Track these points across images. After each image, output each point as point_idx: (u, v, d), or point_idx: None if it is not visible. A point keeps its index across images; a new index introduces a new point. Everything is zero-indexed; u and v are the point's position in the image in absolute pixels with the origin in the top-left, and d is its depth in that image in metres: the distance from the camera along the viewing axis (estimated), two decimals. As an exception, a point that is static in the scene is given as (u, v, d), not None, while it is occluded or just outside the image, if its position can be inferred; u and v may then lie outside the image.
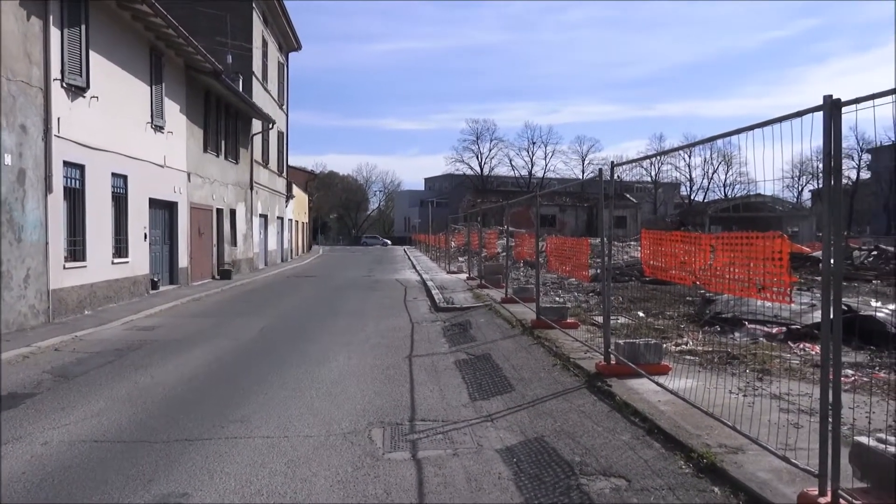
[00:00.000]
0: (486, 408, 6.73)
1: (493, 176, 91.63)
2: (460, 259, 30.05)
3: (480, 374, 8.32)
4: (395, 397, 7.18)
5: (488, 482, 4.67)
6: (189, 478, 4.81)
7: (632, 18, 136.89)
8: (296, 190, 42.67)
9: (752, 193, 67.91)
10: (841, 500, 3.61)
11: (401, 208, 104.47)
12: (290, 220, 40.40)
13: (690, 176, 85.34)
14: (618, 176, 7.77)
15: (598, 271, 11.20)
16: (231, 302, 17.25)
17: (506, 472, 4.89)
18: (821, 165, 3.68)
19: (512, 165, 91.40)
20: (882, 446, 3.67)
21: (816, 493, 3.74)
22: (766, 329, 9.80)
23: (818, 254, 26.90)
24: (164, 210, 18.87)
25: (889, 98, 3.22)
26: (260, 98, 29.45)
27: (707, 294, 11.13)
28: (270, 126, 30.80)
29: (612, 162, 7.69)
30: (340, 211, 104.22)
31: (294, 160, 51.42)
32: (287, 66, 38.75)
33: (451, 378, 8.17)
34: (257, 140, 29.77)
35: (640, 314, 12.19)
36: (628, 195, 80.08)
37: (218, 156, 23.63)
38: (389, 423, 6.20)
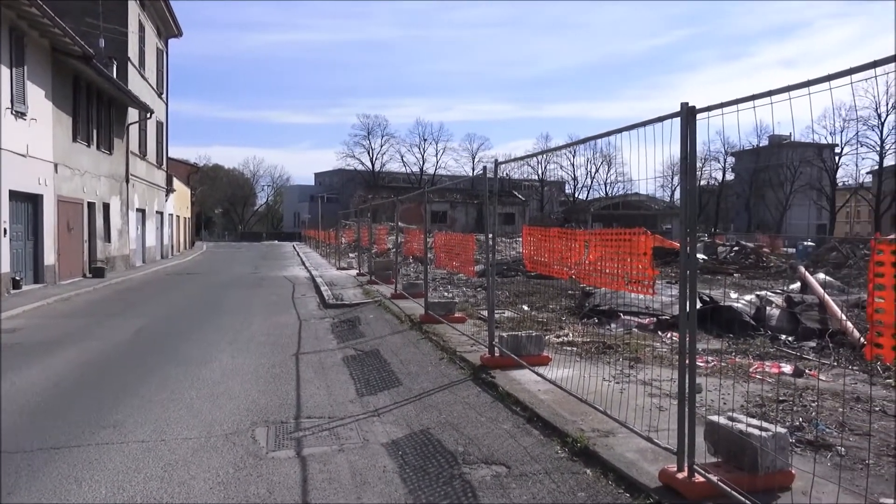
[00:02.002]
0: (373, 403, 6.76)
1: (384, 172, 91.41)
2: (351, 255, 29.81)
3: (368, 370, 8.34)
4: (281, 396, 7.06)
5: (373, 476, 4.71)
6: (54, 488, 4.53)
7: (524, 20, 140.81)
8: (177, 183, 40.70)
9: (630, 192, 71.74)
10: (696, 474, 3.93)
11: (290, 203, 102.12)
12: (171, 214, 38.50)
13: (574, 175, 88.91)
14: (506, 174, 8.07)
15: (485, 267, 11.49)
16: (104, 301, 16.24)
17: (391, 465, 4.95)
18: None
19: (403, 162, 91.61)
20: (731, 424, 4.04)
21: (675, 469, 4.06)
22: (638, 320, 10.45)
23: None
24: (26, 203, 17.46)
25: (735, 107, 3.54)
26: (136, 85, 27.84)
27: (587, 288, 11.69)
28: (148, 115, 29.20)
29: (496, 160, 7.92)
30: (226, 206, 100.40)
31: (175, 152, 49.14)
32: (167, 53, 36.86)
33: (339, 374, 8.13)
34: (134, 130, 28.14)
35: (525, 308, 12.62)
36: (516, 193, 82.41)
37: (90, 146, 22.14)
38: (274, 421, 6.09)
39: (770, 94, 3.30)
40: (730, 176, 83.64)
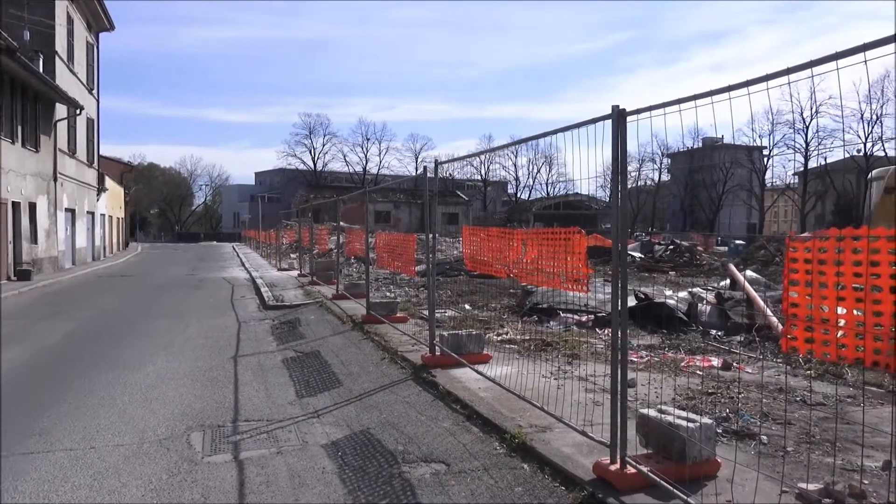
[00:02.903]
0: (313, 404, 6.70)
1: (326, 171, 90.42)
2: (292, 256, 29.40)
3: (309, 371, 8.26)
4: (218, 399, 6.92)
5: (312, 478, 4.68)
6: (-27, 501, 4.33)
7: (465, 21, 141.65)
8: (109, 182, 39.29)
9: (571, 193, 73.15)
10: (628, 466, 4.05)
11: (229, 203, 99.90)
12: (103, 214, 37.13)
13: (517, 175, 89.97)
14: (449, 174, 8.13)
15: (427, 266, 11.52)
16: (30, 305, 15.55)
17: (330, 466, 4.92)
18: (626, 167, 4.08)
19: (346, 161, 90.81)
20: (661, 416, 4.18)
21: (608, 461, 4.17)
22: (577, 317, 10.66)
23: (628, 247, 29.62)
24: (-56, 203, 16.56)
25: (662, 110, 3.66)
26: (65, 80, 26.74)
27: (527, 287, 11.86)
28: (78, 112, 28.07)
29: (436, 160, 7.97)
30: (162, 206, 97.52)
31: (108, 150, 47.43)
32: (98, 48, 35.52)
33: (279, 377, 8.02)
34: (62, 127, 27.02)
35: (467, 307, 12.72)
36: (460, 193, 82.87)
37: (14, 143, 21.14)
38: (210, 425, 5.97)
39: (695, 97, 3.44)
40: (666, 177, 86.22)
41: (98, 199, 35.25)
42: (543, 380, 6.49)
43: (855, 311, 2.73)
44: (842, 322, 2.78)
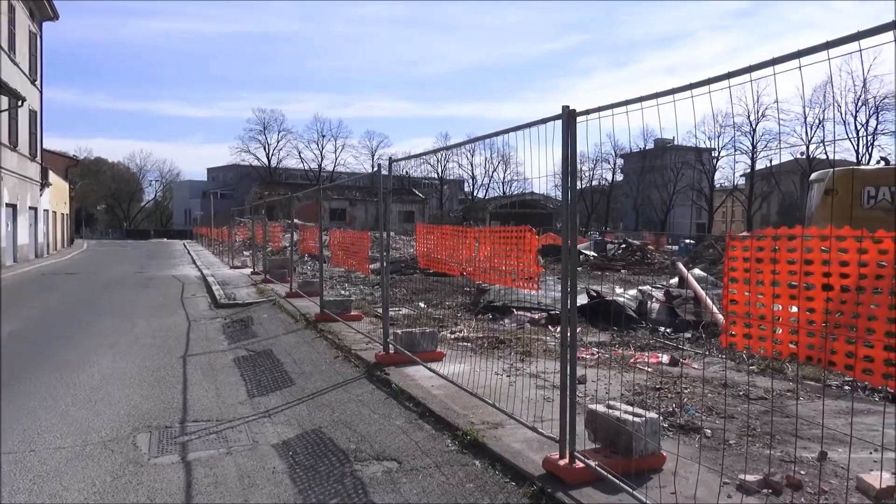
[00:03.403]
0: (264, 404, 6.62)
1: (281, 168, 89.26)
2: (245, 253, 28.91)
3: (260, 371, 8.15)
4: (166, 399, 6.77)
5: (262, 478, 4.63)
6: None
7: (423, 19, 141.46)
8: (53, 177, 37.99)
9: (526, 192, 73.81)
10: (576, 460, 4.13)
11: (181, 200, 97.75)
12: (47, 210, 35.89)
13: (473, 173, 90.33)
14: (406, 171, 8.07)
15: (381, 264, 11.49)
16: (-32, 304, 14.92)
17: (281, 465, 4.87)
18: (580, 167, 4.15)
19: (301, 158, 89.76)
20: (609, 411, 4.27)
21: (558, 456, 4.24)
22: (530, 315, 10.78)
23: (581, 246, 30.08)
24: None
25: (611, 111, 3.74)
26: (6, 71, 25.76)
27: (482, 285, 11.93)
28: (19, 103, 27.06)
29: (391, 158, 7.95)
30: (110, 202, 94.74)
31: (53, 144, 45.93)
32: (41, 38, 34.30)
33: (229, 376, 7.90)
34: (3, 119, 26.01)
35: (422, 305, 12.73)
36: (416, 191, 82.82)
37: (-50, 135, 20.28)
38: (157, 426, 5.85)
39: (641, 99, 3.51)
40: (619, 177, 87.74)
41: (41, 195, 34.06)
42: (496, 377, 6.54)
43: (790, 308, 2.84)
44: (778, 318, 2.89)
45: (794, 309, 2.81)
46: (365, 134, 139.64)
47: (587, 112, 3.96)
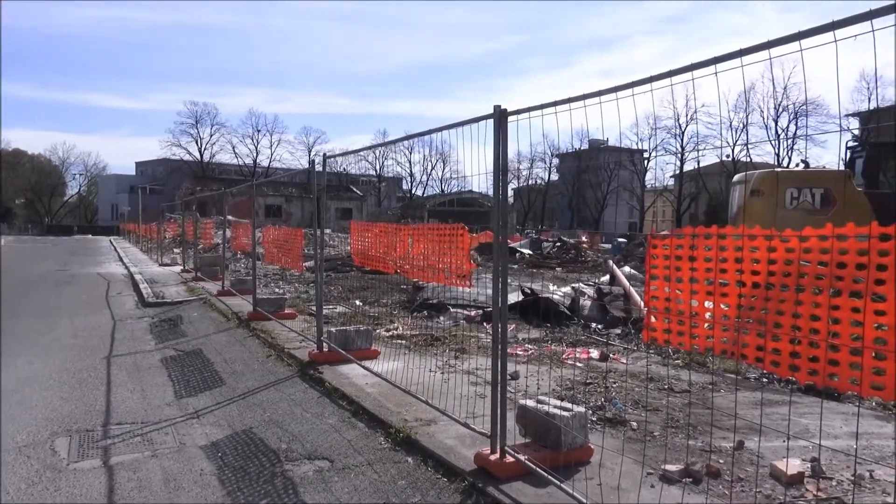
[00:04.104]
0: (192, 404, 6.45)
1: (214, 163, 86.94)
2: (175, 251, 28.05)
3: (189, 371, 7.93)
4: (88, 402, 6.51)
5: (188, 480, 4.51)
6: None
7: (362, 15, 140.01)
8: (-33, 169, 35.89)
9: (465, 190, 74.21)
10: (507, 455, 4.19)
11: (107, 195, 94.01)
12: (-41, 204, 33.89)
13: (412, 171, 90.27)
14: (343, 168, 8.01)
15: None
16: None
17: (209, 467, 4.76)
18: (517, 166, 4.21)
19: (235, 153, 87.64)
20: (538, 406, 4.35)
21: (489, 451, 4.29)
22: (466, 312, 10.86)
23: (518, 244, 30.49)
24: None
25: (540, 112, 3.81)
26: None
27: (419, 282, 11.94)
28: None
29: (325, 154, 7.86)
30: (29, 196, 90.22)
31: (-36, 134, 43.28)
32: (-47, 21, 32.34)
33: (156, 377, 7.65)
34: None
35: (358, 303, 12.65)
36: (354, 188, 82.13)
37: None
38: (78, 430, 5.62)
39: (570, 101, 3.59)
40: (555, 176, 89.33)
41: (-47, 188, 32.12)
42: (430, 374, 6.57)
43: (706, 304, 2.96)
44: (695, 314, 3.01)
45: (710, 304, 2.94)
46: (302, 130, 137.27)
47: (518, 112, 4.03)
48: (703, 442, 4.78)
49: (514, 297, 11.31)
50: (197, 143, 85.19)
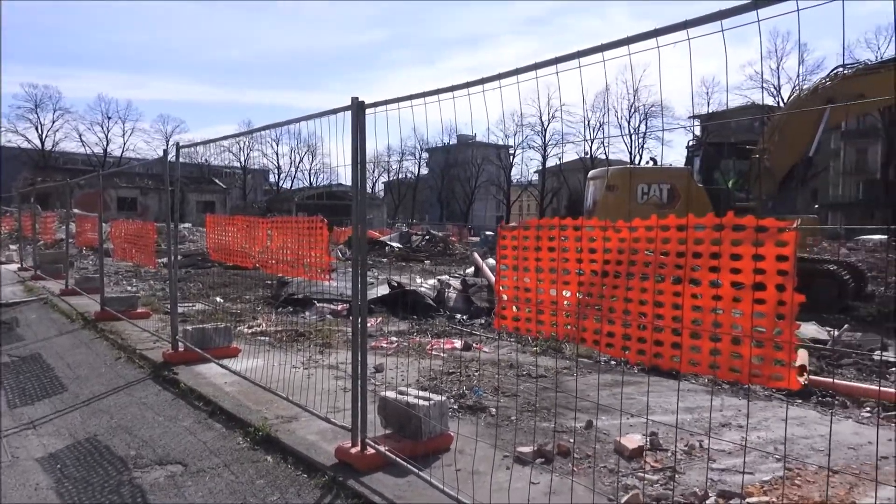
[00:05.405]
0: (28, 414, 5.91)
1: (58, 151, 79.76)
2: (11, 247, 25.53)
3: (25, 378, 7.26)
4: None
5: (22, 496, 4.14)
6: None
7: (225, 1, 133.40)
8: None
9: (335, 183, 73.18)
10: (368, 447, 4.20)
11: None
12: None
13: (279, 163, 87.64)
14: (205, 159, 7.60)
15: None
16: None
17: (46, 480, 4.39)
18: (387, 160, 4.19)
19: (82, 141, 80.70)
20: (398, 397, 4.40)
21: (350, 444, 4.28)
22: (332, 307, 10.74)
23: (387, 237, 30.52)
24: None
25: (396, 105, 3.83)
26: None
27: (283, 277, 11.65)
28: None
29: (178, 143, 7.45)
30: None
31: None
32: None
33: (-15, 386, 6.94)
34: None
35: (219, 299, 12.14)
36: (217, 180, 78.56)
37: None
38: None
39: (424, 95, 3.65)
40: (425, 170, 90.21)
41: None
42: (293, 370, 6.44)
43: (550, 291, 3.12)
44: (541, 301, 3.16)
45: (554, 292, 3.10)
46: (158, 117, 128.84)
47: (375, 104, 4.03)
48: (558, 424, 5.04)
49: (382, 291, 11.34)
50: (37, 129, 77.69)
